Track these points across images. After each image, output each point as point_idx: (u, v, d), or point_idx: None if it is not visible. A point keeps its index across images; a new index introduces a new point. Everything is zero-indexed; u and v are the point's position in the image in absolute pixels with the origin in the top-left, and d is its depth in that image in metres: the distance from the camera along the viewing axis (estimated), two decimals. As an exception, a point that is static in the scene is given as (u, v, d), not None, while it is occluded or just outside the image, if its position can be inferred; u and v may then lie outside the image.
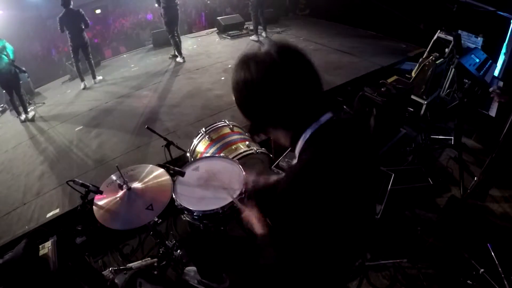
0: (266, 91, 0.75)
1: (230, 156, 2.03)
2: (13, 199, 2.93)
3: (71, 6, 4.89)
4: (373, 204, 1.03)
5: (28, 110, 4.77)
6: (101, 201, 1.61)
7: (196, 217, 1.63)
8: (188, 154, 2.39)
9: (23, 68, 4.58)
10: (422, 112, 3.50)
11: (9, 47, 4.34)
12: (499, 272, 1.85)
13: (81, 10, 5.01)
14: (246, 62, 0.78)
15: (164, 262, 2.04)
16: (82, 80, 5.33)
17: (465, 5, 3.36)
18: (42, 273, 1.39)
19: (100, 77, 5.58)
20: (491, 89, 2.54)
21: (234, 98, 0.85)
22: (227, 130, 2.38)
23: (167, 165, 1.75)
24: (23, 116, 4.61)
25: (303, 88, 0.77)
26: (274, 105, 0.77)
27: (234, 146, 2.21)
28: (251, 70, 0.76)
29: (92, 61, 5.46)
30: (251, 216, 1.13)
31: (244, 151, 2.12)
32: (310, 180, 0.74)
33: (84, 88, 5.28)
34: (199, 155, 2.28)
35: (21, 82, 4.65)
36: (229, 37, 6.81)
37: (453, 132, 3.07)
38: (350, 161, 0.80)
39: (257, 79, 0.75)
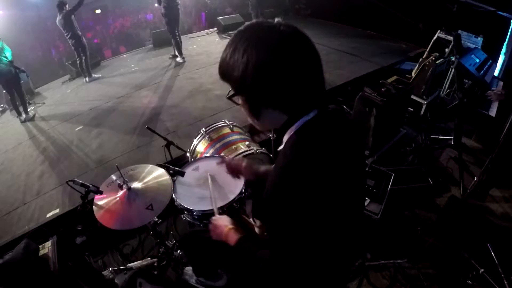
0: (279, 65, 0.71)
1: (230, 156, 2.03)
2: (13, 199, 2.94)
3: (63, 12, 5.06)
4: (363, 198, 1.03)
5: (28, 110, 4.78)
6: (101, 201, 1.61)
7: (196, 217, 1.63)
8: (188, 154, 2.40)
9: (23, 68, 4.65)
10: (422, 112, 3.49)
11: (7, 49, 4.36)
12: (499, 272, 1.85)
13: (64, 17, 5.12)
14: (259, 28, 0.77)
15: (164, 262, 2.04)
16: (85, 76, 5.65)
17: (465, 5, 3.35)
18: (42, 273, 1.39)
19: (99, 75, 5.75)
20: (494, 91, 2.53)
21: (226, 70, 0.83)
22: (227, 130, 2.38)
23: (167, 165, 1.75)
24: (23, 116, 4.63)
25: (311, 70, 0.76)
26: (283, 82, 0.73)
27: (234, 146, 2.21)
28: (264, 38, 0.73)
29: (89, 61, 5.64)
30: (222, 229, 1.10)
31: (244, 151, 2.12)
32: (301, 172, 0.73)
33: (87, 81, 5.66)
34: (199, 155, 2.28)
35: (21, 82, 4.67)
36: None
37: (453, 132, 3.07)
38: (341, 154, 0.80)
39: (272, 49, 0.72)
